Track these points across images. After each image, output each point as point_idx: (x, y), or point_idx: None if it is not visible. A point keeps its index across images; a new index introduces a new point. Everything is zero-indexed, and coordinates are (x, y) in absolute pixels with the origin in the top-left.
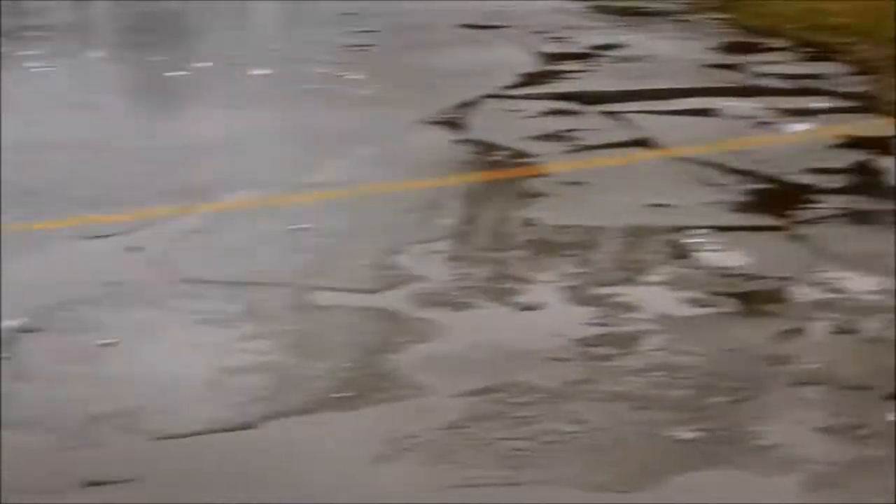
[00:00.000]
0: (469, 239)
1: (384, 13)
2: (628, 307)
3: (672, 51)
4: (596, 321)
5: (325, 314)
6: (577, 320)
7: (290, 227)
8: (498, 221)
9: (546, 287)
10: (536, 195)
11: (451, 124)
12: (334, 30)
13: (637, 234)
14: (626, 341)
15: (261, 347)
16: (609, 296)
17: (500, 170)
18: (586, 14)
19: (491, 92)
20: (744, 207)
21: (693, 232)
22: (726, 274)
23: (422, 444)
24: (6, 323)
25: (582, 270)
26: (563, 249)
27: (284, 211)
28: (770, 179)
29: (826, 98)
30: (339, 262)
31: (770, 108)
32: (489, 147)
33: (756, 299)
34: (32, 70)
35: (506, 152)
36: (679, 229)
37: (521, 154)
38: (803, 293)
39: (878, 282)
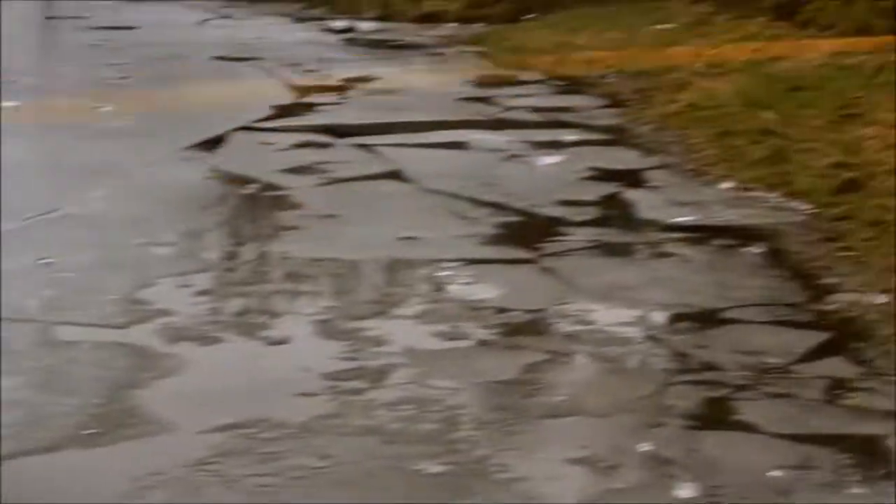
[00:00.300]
0: (219, 272)
1: (136, 45)
2: (379, 341)
3: (425, 84)
4: (346, 355)
5: (72, 350)
6: (326, 354)
7: (38, 260)
8: (249, 254)
9: (296, 321)
10: (289, 228)
11: (204, 157)
12: (86, 62)
13: (389, 268)
14: (376, 375)
15: (5, 384)
16: (360, 329)
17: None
18: (340, 46)
19: (243, 124)
20: (495, 240)
21: (444, 265)
22: (477, 307)
23: (169, 482)
24: None
25: (333, 304)
26: (315, 283)
27: (32, 244)
28: (521, 212)
29: (576, 131)
30: (86, 296)
31: (521, 141)
32: (241, 180)
33: (507, 332)
34: None
35: (258, 185)
36: (431, 262)
37: (273, 187)
38: (554, 325)
39: (628, 313)
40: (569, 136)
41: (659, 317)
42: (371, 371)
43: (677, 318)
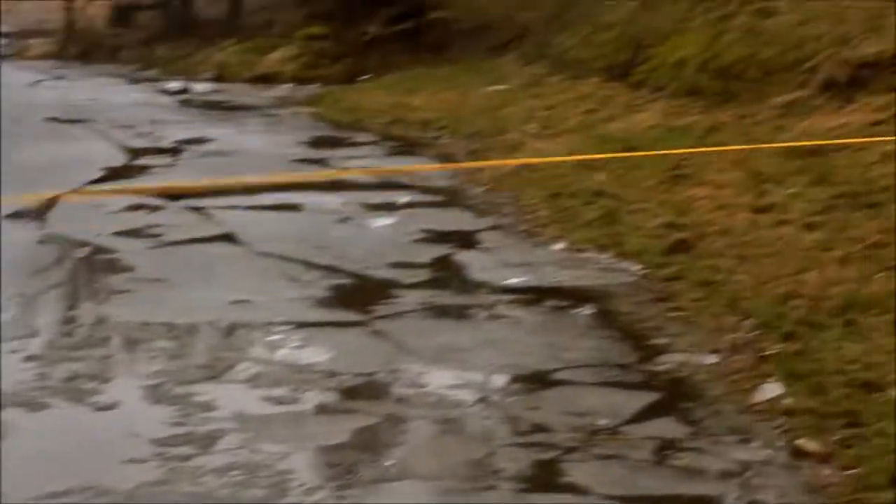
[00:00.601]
0: (48, 337)
1: None
2: (209, 406)
3: (259, 145)
4: (175, 420)
5: None
6: (156, 419)
7: None
8: (79, 319)
9: (125, 386)
10: (120, 292)
11: (34, 220)
12: None
13: (220, 332)
14: (206, 440)
15: None
16: (190, 394)
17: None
18: (174, 108)
19: (74, 187)
20: (327, 303)
21: (276, 328)
22: (308, 370)
23: None
24: None
25: (163, 369)
26: (145, 347)
27: None
28: (353, 275)
29: (409, 192)
30: None
31: (354, 203)
32: (72, 243)
33: (338, 395)
34: None
35: (89, 248)
36: (262, 326)
37: (105, 250)
38: (386, 388)
39: (460, 376)
40: (402, 197)
41: (491, 379)
42: (200, 436)
43: (509, 380)
